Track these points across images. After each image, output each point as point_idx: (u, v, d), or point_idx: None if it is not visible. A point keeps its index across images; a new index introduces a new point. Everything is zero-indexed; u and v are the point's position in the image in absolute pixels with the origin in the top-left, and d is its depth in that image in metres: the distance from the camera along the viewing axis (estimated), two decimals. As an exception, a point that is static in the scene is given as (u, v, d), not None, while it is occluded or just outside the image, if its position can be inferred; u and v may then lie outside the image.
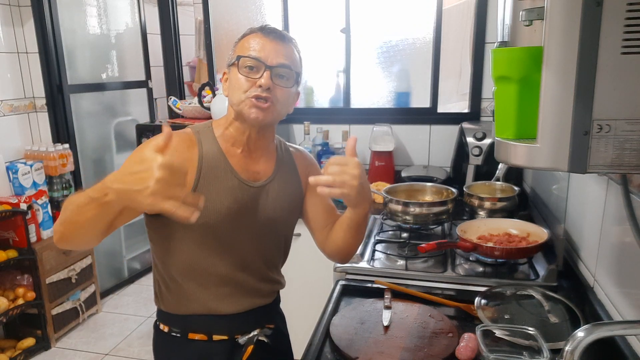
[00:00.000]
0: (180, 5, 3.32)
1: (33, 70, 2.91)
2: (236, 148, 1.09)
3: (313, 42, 2.78)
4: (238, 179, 1.07)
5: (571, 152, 0.65)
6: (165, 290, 1.13)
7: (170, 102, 2.69)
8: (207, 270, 1.08)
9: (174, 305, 1.12)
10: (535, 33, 0.70)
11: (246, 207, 1.08)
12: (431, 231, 1.80)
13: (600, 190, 1.22)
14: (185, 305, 1.11)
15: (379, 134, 2.51)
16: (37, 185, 2.75)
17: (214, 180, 1.05)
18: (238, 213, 1.07)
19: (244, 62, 1.02)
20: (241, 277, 1.11)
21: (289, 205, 1.16)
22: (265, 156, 1.14)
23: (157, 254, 1.12)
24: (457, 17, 2.54)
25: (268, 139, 1.14)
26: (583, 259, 1.36)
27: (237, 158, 1.09)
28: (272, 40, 1.03)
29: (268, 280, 1.17)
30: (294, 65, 1.06)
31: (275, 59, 1.02)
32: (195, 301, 1.10)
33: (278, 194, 1.13)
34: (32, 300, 2.64)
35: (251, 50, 1.02)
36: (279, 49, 1.03)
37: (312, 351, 1.08)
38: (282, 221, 1.15)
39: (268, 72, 1.01)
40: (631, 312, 1.03)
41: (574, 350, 0.76)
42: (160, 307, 1.15)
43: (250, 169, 1.10)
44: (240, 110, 1.03)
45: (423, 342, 1.09)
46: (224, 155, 1.08)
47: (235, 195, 1.06)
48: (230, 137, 1.09)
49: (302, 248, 1.35)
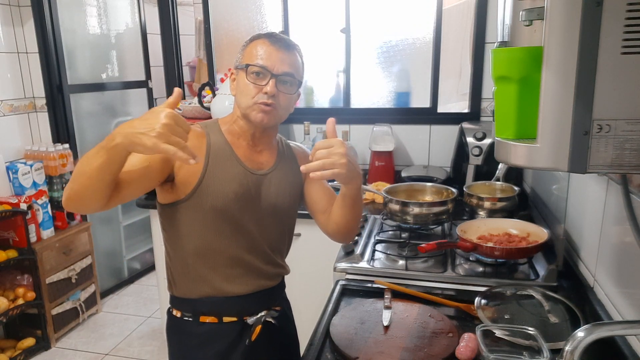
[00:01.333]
0: (180, 5, 3.32)
1: (33, 70, 2.92)
2: (242, 140, 1.19)
3: (313, 42, 2.78)
4: (243, 167, 1.16)
5: (571, 152, 0.65)
6: (177, 276, 1.20)
7: (170, 102, 2.68)
8: (216, 251, 1.15)
9: (185, 289, 1.19)
10: (535, 33, 0.70)
11: (251, 193, 1.16)
12: (431, 231, 1.80)
13: (600, 190, 1.22)
14: (196, 289, 1.18)
15: (379, 134, 2.51)
16: (37, 185, 2.75)
17: (221, 167, 1.14)
18: (244, 198, 1.15)
19: (251, 70, 1.11)
20: (249, 258, 1.18)
21: (290, 193, 1.24)
22: (268, 150, 1.23)
23: (170, 241, 1.20)
24: (457, 17, 2.54)
25: (271, 136, 1.23)
26: (583, 259, 1.36)
27: (242, 149, 1.18)
28: (278, 50, 1.11)
29: (273, 263, 1.24)
30: (297, 73, 1.14)
31: (281, 67, 1.10)
32: (206, 283, 1.17)
33: (280, 182, 1.22)
34: (32, 300, 2.64)
35: (258, 58, 1.11)
36: (284, 58, 1.11)
37: (312, 351, 1.08)
38: (284, 208, 1.23)
39: (273, 80, 1.10)
40: (631, 312, 1.03)
41: (574, 350, 0.76)
42: (173, 293, 1.23)
43: (254, 159, 1.19)
44: (248, 113, 1.13)
45: (423, 342, 1.09)
46: (230, 145, 1.17)
47: (241, 181, 1.15)
48: (235, 132, 1.19)
49: (302, 248, 1.36)
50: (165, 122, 0.84)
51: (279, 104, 1.12)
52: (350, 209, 1.16)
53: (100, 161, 0.91)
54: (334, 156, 0.98)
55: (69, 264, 2.88)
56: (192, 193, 1.12)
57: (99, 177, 0.93)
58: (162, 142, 0.84)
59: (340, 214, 1.18)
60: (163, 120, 0.84)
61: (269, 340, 1.24)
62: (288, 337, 1.34)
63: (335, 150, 0.98)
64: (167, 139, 0.84)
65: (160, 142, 0.84)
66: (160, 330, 2.82)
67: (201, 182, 1.12)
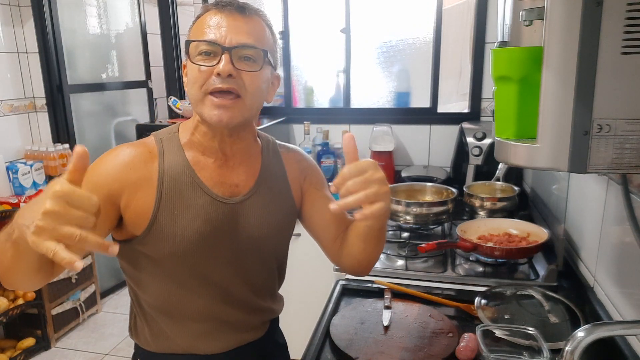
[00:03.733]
0: (180, 5, 3.31)
1: (33, 70, 2.91)
2: (207, 157, 0.91)
3: (313, 42, 2.79)
4: (209, 196, 0.89)
5: (571, 152, 0.65)
6: (141, 325, 0.98)
7: (170, 102, 2.69)
8: (182, 306, 0.92)
9: (150, 342, 0.97)
10: (535, 33, 0.70)
11: (222, 229, 0.90)
12: (431, 231, 1.80)
13: (600, 190, 1.22)
14: (162, 344, 0.95)
15: (379, 134, 2.51)
16: (37, 185, 2.75)
17: (179, 200, 0.87)
18: (212, 237, 0.89)
19: (196, 48, 0.83)
20: (224, 311, 0.95)
21: (278, 221, 0.97)
22: (246, 163, 0.95)
23: (130, 286, 0.98)
24: (457, 17, 2.54)
25: (247, 140, 0.95)
26: (583, 259, 1.36)
27: (209, 170, 0.91)
28: (229, 15, 0.84)
29: (258, 309, 1.00)
30: (260, 42, 0.85)
31: (235, 37, 0.82)
32: (172, 340, 0.95)
33: (263, 208, 0.94)
34: (32, 300, 2.64)
35: (205, 31, 0.83)
36: (239, 25, 0.83)
37: (312, 351, 1.08)
38: (269, 241, 0.97)
39: (227, 56, 0.81)
40: (631, 312, 1.03)
41: (574, 350, 0.75)
42: (136, 341, 1.01)
43: (226, 181, 0.92)
44: (201, 112, 0.84)
45: (423, 342, 1.09)
46: (191, 167, 0.89)
47: (207, 216, 0.89)
48: (199, 145, 0.91)
49: (302, 248, 1.35)
50: (48, 209, 0.58)
51: (244, 87, 0.83)
52: (375, 241, 0.92)
53: (10, 253, 0.69)
54: (373, 185, 0.73)
55: (69, 264, 2.88)
56: (145, 235, 0.87)
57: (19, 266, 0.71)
58: (42, 240, 0.59)
59: (362, 248, 0.93)
60: (47, 205, 0.58)
61: None
62: None
63: (374, 176, 0.74)
64: (50, 233, 0.58)
65: (40, 240, 0.59)
66: (160, 330, 2.82)
67: (153, 224, 0.86)
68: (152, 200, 0.86)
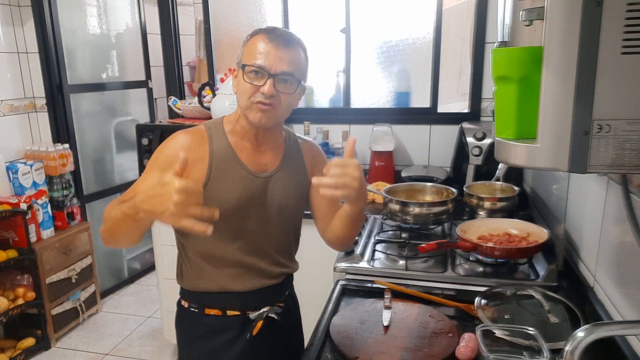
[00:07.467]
0: (180, 5, 3.32)
1: (33, 70, 2.92)
2: (245, 141, 1.19)
3: (313, 42, 2.78)
4: (247, 171, 1.16)
5: (571, 152, 0.65)
6: (185, 270, 1.24)
7: (170, 102, 2.69)
8: (220, 253, 1.18)
9: (192, 283, 1.23)
10: (535, 33, 0.70)
11: (255, 197, 1.17)
12: (431, 231, 1.80)
13: (600, 190, 1.22)
14: (201, 283, 1.21)
15: (379, 134, 2.51)
16: (37, 185, 2.75)
17: (224, 173, 1.14)
18: (248, 202, 1.16)
19: (248, 70, 1.09)
20: (252, 260, 1.20)
21: (296, 193, 1.24)
22: (272, 149, 1.22)
23: (178, 237, 1.23)
24: (457, 17, 2.54)
25: (275, 134, 1.23)
26: (583, 259, 1.36)
27: (246, 151, 1.18)
28: (277, 47, 1.08)
29: (278, 264, 1.25)
30: (297, 71, 1.11)
31: (279, 66, 1.07)
32: (210, 280, 1.20)
33: (285, 183, 1.22)
34: (32, 300, 2.64)
35: (257, 56, 1.08)
36: (283, 56, 1.08)
37: (312, 351, 1.08)
38: (290, 208, 1.23)
39: (271, 81, 1.07)
40: (631, 312, 1.03)
41: (574, 350, 0.76)
42: (181, 285, 1.26)
43: (258, 161, 1.19)
44: (246, 114, 1.12)
45: (423, 342, 1.09)
46: (233, 149, 1.17)
47: (244, 186, 1.15)
48: (239, 133, 1.18)
49: (302, 248, 1.35)
50: (177, 200, 0.85)
51: (279, 103, 1.10)
52: (351, 225, 1.19)
53: (129, 226, 0.98)
54: (347, 178, 0.98)
55: (69, 264, 2.88)
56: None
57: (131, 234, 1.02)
58: (178, 220, 0.87)
59: (340, 227, 1.20)
60: (174, 198, 0.85)
61: (271, 335, 1.26)
62: (291, 332, 1.36)
63: (350, 172, 0.99)
64: (181, 215, 0.86)
65: (177, 221, 0.87)
66: (160, 330, 2.82)
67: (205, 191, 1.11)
68: (204, 172, 1.13)
